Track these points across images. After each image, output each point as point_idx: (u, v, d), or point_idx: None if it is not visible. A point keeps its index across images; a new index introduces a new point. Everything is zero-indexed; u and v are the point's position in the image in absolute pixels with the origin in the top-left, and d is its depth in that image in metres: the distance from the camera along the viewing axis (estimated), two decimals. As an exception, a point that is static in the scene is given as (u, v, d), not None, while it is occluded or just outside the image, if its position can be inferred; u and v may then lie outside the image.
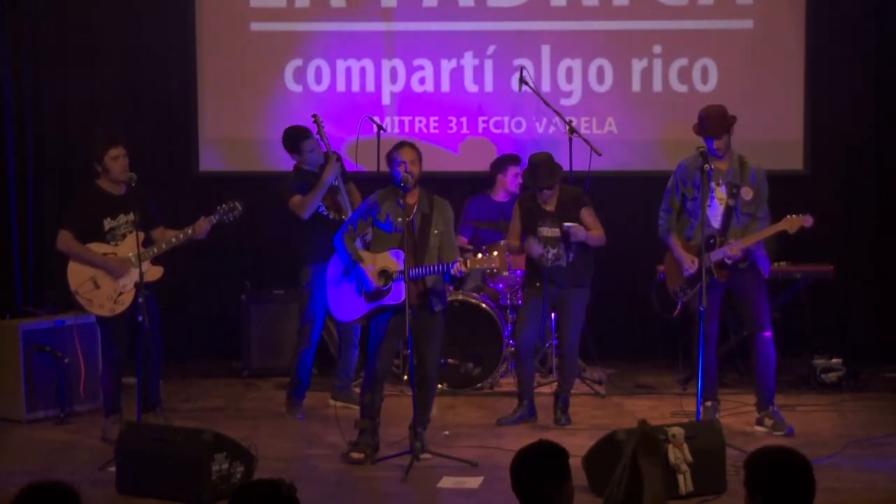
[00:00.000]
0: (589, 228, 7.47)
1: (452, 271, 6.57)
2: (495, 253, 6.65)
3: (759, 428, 7.14)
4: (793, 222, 6.96)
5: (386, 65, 9.39)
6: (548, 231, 7.46)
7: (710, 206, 6.98)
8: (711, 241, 6.97)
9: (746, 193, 7.09)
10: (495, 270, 6.74)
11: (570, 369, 7.61)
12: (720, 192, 7.09)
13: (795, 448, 3.67)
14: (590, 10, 9.27)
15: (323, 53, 9.41)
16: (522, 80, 8.55)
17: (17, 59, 9.38)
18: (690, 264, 7.07)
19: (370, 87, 9.39)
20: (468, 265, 6.56)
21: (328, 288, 7.02)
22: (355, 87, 9.40)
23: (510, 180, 8.79)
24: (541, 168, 7.47)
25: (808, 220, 6.94)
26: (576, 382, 8.28)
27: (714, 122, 7.07)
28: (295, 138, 7.90)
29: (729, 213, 7.07)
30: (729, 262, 7.00)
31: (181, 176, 9.55)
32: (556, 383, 8.19)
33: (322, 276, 7.58)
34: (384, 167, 7.56)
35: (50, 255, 8.16)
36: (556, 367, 7.93)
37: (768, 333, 7.15)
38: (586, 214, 7.51)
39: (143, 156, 8.53)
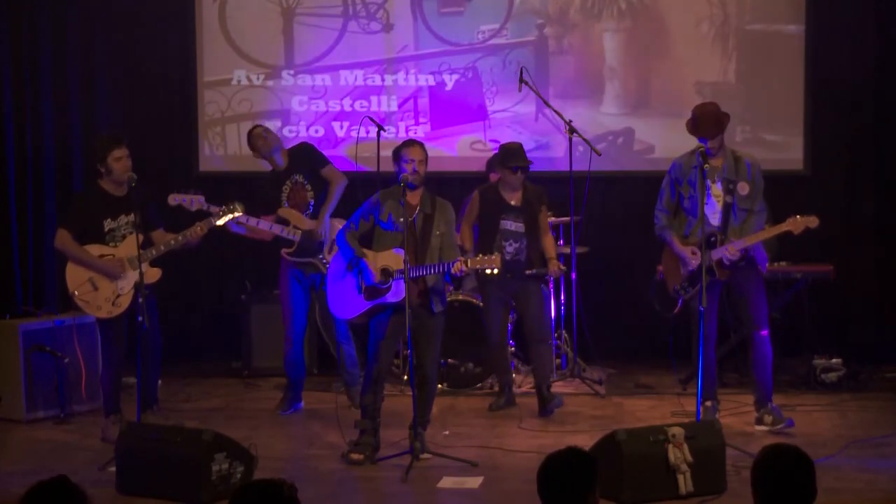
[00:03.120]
0: (542, 229, 7.80)
1: (453, 270, 6.57)
2: (495, 254, 6.65)
3: (759, 427, 7.14)
4: (797, 224, 6.93)
5: (386, 65, 9.40)
6: (511, 225, 7.70)
7: (707, 203, 6.98)
8: (712, 239, 6.96)
9: (743, 188, 7.08)
10: (495, 270, 6.75)
11: (545, 361, 7.76)
12: (716, 189, 7.08)
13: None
14: (590, 11, 9.27)
15: (324, 53, 9.42)
16: (522, 80, 8.55)
17: (17, 60, 9.37)
18: (691, 256, 7.06)
19: (370, 87, 9.38)
20: (469, 265, 6.56)
21: (328, 284, 6.99)
22: (355, 86, 9.40)
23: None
24: (515, 153, 7.71)
25: (813, 222, 6.93)
26: (576, 382, 8.32)
27: (709, 123, 7.06)
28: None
29: (727, 210, 7.07)
30: (727, 262, 7.00)
31: (181, 176, 9.54)
32: (555, 384, 8.22)
33: (290, 274, 7.64)
34: (384, 167, 7.57)
35: (50, 256, 8.17)
36: (533, 359, 7.89)
37: (765, 332, 7.15)
38: (544, 214, 7.81)
39: (143, 156, 8.53)
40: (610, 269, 9.14)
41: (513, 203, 7.73)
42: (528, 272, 7.69)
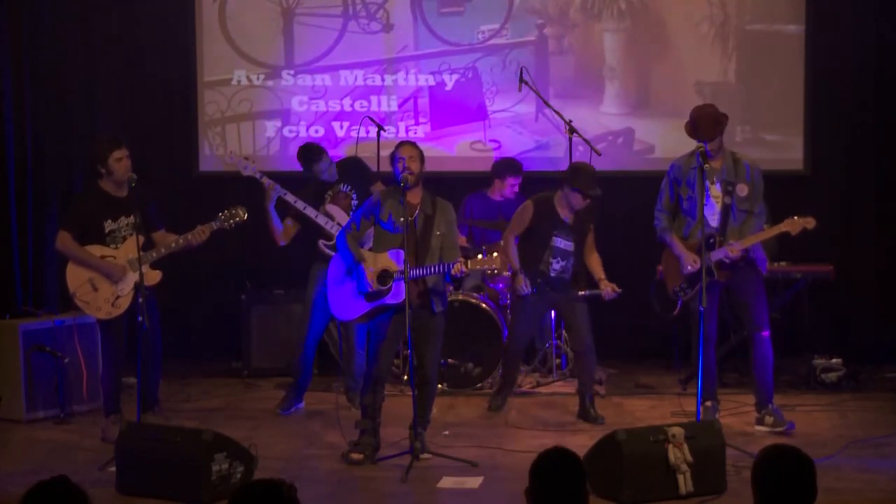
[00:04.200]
0: (589, 248, 7.62)
1: (453, 271, 6.56)
2: (495, 254, 6.64)
3: (759, 428, 7.14)
4: (795, 224, 6.96)
5: (386, 65, 9.40)
6: (562, 243, 7.53)
7: (706, 204, 7.00)
8: (711, 240, 6.97)
9: (742, 190, 7.09)
10: (495, 271, 6.76)
11: (590, 369, 7.64)
12: (715, 191, 7.08)
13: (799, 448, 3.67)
14: (590, 11, 9.28)
15: (324, 53, 9.42)
16: (522, 80, 8.55)
17: (17, 60, 9.37)
18: (693, 263, 7.07)
19: (370, 87, 9.39)
20: (469, 266, 6.56)
21: (329, 287, 7.01)
22: (355, 86, 9.40)
23: (508, 189, 8.76)
24: (591, 177, 7.43)
25: (810, 223, 6.95)
26: (576, 383, 8.30)
27: (707, 125, 7.06)
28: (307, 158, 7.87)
29: (726, 211, 7.07)
30: (728, 261, 7.01)
31: (181, 176, 9.56)
32: (555, 383, 8.25)
33: (320, 276, 7.63)
34: (384, 167, 7.57)
35: (50, 256, 8.16)
36: (577, 369, 7.93)
37: (766, 333, 7.15)
38: (592, 232, 7.63)
39: (144, 156, 8.53)
40: (610, 269, 9.08)
41: (566, 221, 7.54)
42: (581, 293, 7.55)
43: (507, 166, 8.85)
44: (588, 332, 7.59)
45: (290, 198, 7.64)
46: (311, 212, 7.66)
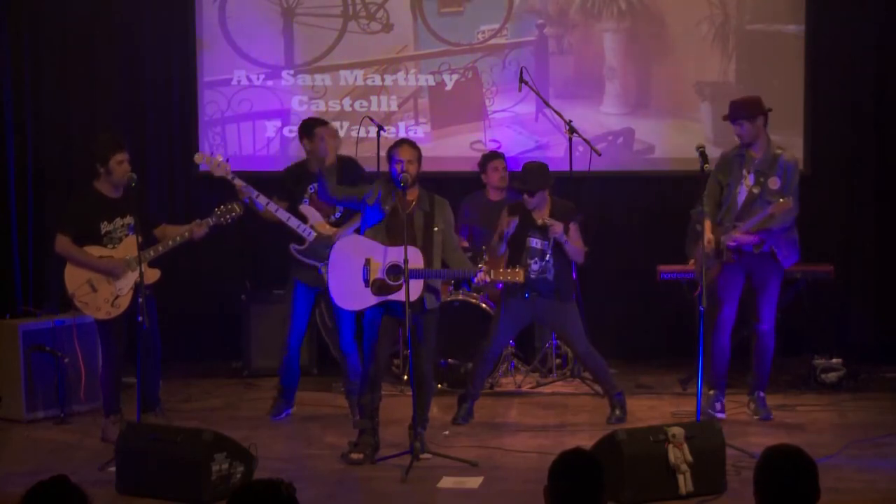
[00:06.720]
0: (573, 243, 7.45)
1: (476, 280, 6.54)
2: (518, 268, 6.62)
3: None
4: (778, 205, 7.11)
5: (386, 65, 9.40)
6: (538, 243, 7.40)
7: (739, 192, 7.23)
8: (728, 224, 7.14)
9: (773, 183, 7.24)
10: (518, 282, 6.69)
11: (598, 370, 7.58)
12: (748, 180, 7.24)
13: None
14: (590, 11, 9.27)
15: (324, 53, 9.42)
16: (522, 80, 8.54)
17: (18, 60, 9.37)
18: (707, 244, 7.20)
19: (370, 87, 9.39)
20: (492, 276, 6.52)
21: (329, 272, 6.87)
22: (355, 86, 9.40)
23: (496, 176, 8.76)
24: (531, 173, 7.41)
25: (788, 202, 7.10)
26: (576, 382, 8.32)
27: (736, 107, 7.27)
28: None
29: (752, 199, 7.18)
30: (731, 246, 7.16)
31: (181, 176, 9.55)
32: (555, 383, 8.25)
33: (297, 279, 7.58)
34: (384, 167, 7.58)
35: (50, 256, 8.14)
36: (589, 375, 7.98)
37: (765, 327, 7.35)
38: (574, 230, 7.47)
39: (143, 156, 8.54)
40: (610, 268, 9.12)
41: (540, 221, 7.41)
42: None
43: (485, 156, 8.87)
44: (580, 338, 7.46)
45: (262, 200, 7.45)
46: (282, 214, 7.54)
